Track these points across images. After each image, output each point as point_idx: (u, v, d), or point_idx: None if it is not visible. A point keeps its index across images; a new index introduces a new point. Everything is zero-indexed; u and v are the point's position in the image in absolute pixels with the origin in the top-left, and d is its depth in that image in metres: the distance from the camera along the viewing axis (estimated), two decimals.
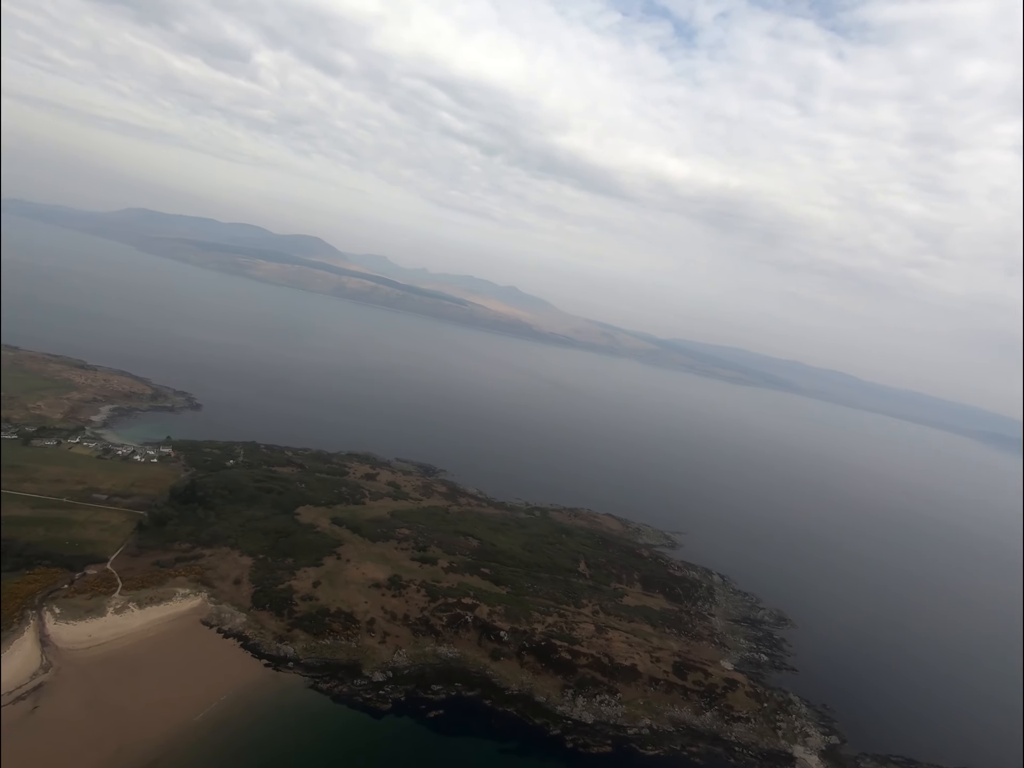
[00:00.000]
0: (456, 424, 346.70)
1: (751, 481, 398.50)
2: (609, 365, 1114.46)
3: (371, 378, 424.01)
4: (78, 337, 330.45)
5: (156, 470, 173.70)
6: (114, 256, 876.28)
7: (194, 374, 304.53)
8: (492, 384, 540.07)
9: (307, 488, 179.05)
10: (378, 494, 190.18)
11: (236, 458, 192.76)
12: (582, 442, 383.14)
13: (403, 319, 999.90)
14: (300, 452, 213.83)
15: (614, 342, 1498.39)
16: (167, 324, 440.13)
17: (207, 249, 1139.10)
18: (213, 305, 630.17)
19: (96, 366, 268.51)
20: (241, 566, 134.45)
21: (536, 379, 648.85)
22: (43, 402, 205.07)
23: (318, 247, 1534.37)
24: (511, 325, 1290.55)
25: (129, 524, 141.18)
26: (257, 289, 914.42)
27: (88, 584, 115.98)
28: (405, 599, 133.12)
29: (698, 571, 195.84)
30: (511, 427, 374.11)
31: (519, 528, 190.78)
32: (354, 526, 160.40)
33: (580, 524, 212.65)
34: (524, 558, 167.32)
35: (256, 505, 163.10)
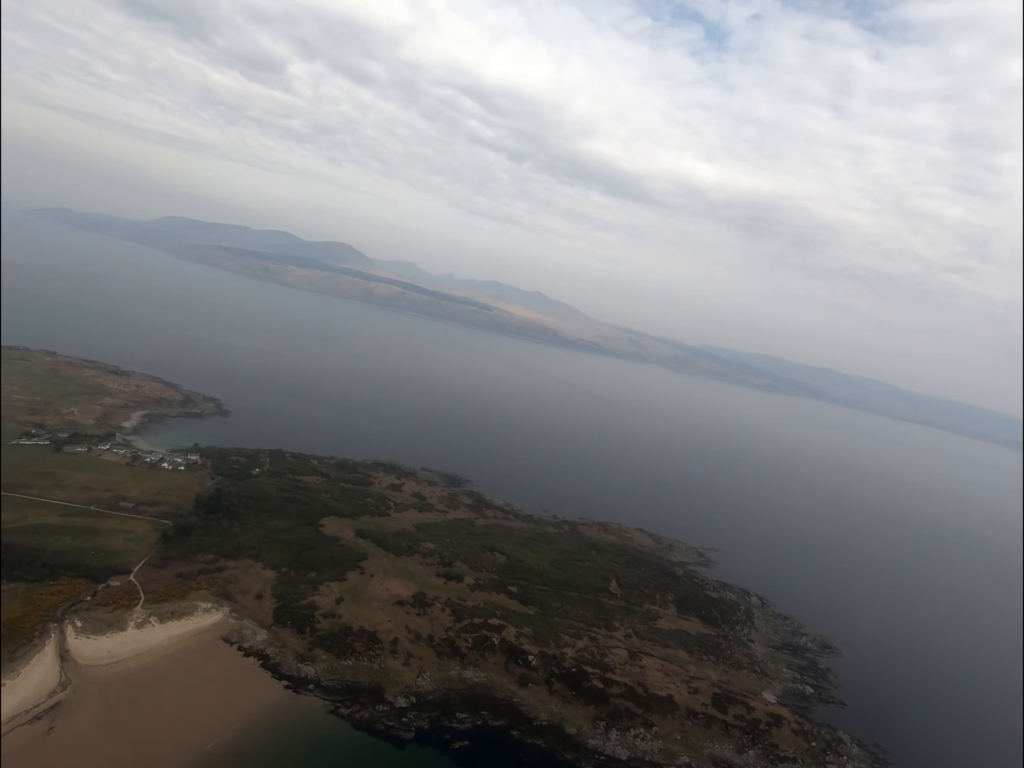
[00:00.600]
0: (482, 432, 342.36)
1: (787, 494, 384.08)
2: (636, 372, 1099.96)
3: (398, 384, 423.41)
4: (114, 342, 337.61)
5: (183, 478, 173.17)
6: (153, 263, 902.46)
7: (224, 380, 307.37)
8: (518, 391, 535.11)
9: (332, 499, 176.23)
10: (403, 505, 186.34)
11: (262, 466, 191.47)
12: (610, 452, 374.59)
13: (430, 325, 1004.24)
14: (326, 461, 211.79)
15: (641, 348, 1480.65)
16: (200, 329, 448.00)
17: (240, 256, 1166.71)
18: (244, 311, 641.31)
19: (130, 371, 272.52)
20: (264, 580, 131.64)
21: (563, 386, 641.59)
22: (76, 408, 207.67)
23: (348, 254, 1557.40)
24: (537, 331, 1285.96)
25: (154, 534, 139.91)
26: (288, 295, 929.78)
27: (111, 596, 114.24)
28: (430, 618, 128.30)
29: (735, 592, 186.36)
30: (538, 436, 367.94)
31: (547, 543, 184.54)
32: (378, 539, 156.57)
33: (610, 539, 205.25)
34: (553, 576, 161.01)
35: (281, 516, 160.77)
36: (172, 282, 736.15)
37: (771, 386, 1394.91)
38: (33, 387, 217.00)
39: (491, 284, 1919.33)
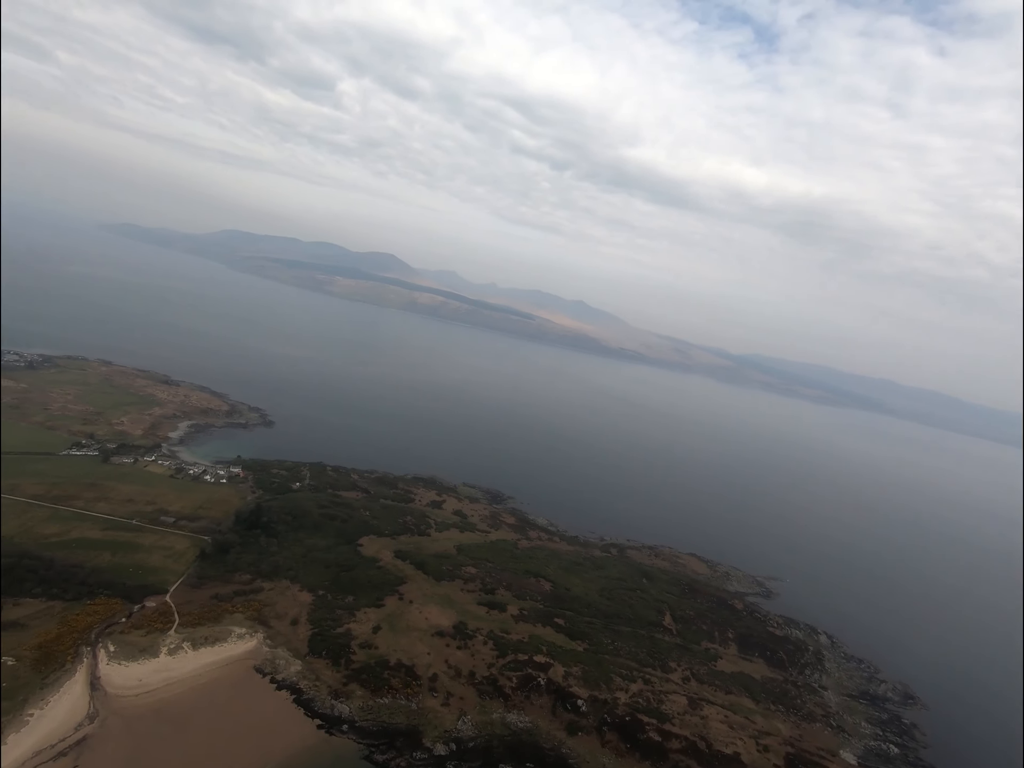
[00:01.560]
0: (524, 445, 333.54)
1: (852, 515, 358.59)
2: (682, 382, 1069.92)
3: (439, 394, 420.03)
4: (166, 351, 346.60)
5: (224, 491, 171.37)
6: (208, 274, 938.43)
7: (269, 389, 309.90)
8: (561, 402, 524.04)
9: (371, 516, 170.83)
10: (444, 524, 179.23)
11: (302, 480, 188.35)
12: (659, 468, 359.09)
13: (472, 334, 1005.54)
14: (366, 475, 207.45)
15: (686, 358, 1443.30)
16: (249, 339, 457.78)
17: (290, 267, 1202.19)
18: (292, 320, 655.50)
19: (179, 381, 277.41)
20: (300, 603, 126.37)
21: (607, 397, 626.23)
22: (126, 418, 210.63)
23: (392, 263, 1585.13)
24: (579, 340, 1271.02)
25: (193, 551, 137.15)
26: (334, 304, 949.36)
27: (145, 618, 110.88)
28: (471, 652, 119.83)
29: (801, 629, 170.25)
30: (582, 450, 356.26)
31: (595, 569, 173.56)
32: (418, 561, 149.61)
33: (662, 566, 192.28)
34: (602, 606, 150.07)
35: (319, 533, 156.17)
36: (225, 292, 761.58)
37: (825, 398, 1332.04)
38: (87, 397, 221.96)
39: (533, 293, 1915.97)
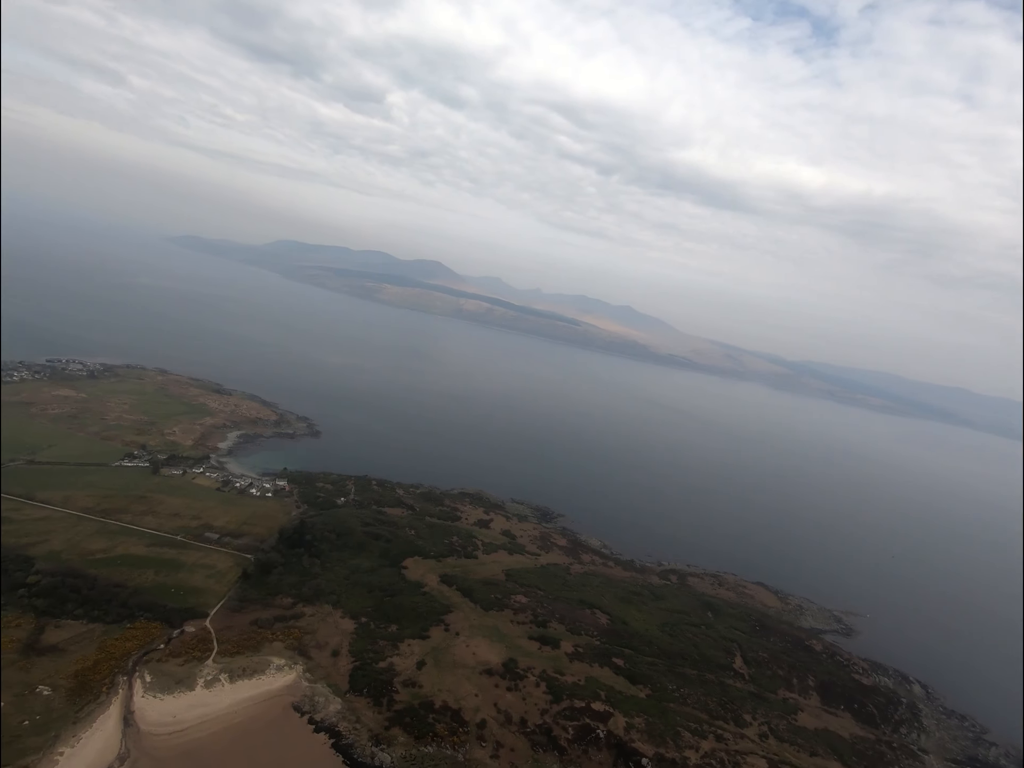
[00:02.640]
0: (573, 457, 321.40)
1: (941, 540, 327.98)
2: (735, 389, 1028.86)
3: (484, 403, 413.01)
4: (221, 359, 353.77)
5: (269, 505, 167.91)
6: (263, 284, 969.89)
7: (317, 398, 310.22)
8: (610, 411, 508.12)
9: (416, 536, 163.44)
10: (492, 546, 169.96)
11: (347, 495, 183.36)
12: (717, 483, 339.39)
13: (518, 340, 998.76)
14: (411, 491, 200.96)
15: (738, 364, 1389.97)
16: (300, 347, 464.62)
17: (341, 275, 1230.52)
18: (342, 328, 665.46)
19: (231, 390, 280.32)
20: (341, 631, 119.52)
21: (657, 406, 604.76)
22: (178, 427, 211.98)
23: (438, 271, 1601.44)
24: (626, 346, 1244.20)
25: (235, 570, 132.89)
26: (382, 312, 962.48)
27: (184, 645, 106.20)
28: (522, 695, 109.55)
29: (890, 676, 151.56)
30: (634, 463, 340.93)
31: (654, 600, 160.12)
32: (465, 588, 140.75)
33: (727, 597, 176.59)
34: (664, 644, 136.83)
35: (363, 554, 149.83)
36: (277, 301, 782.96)
37: (892, 407, 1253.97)
38: (142, 406, 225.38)
39: (578, 298, 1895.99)
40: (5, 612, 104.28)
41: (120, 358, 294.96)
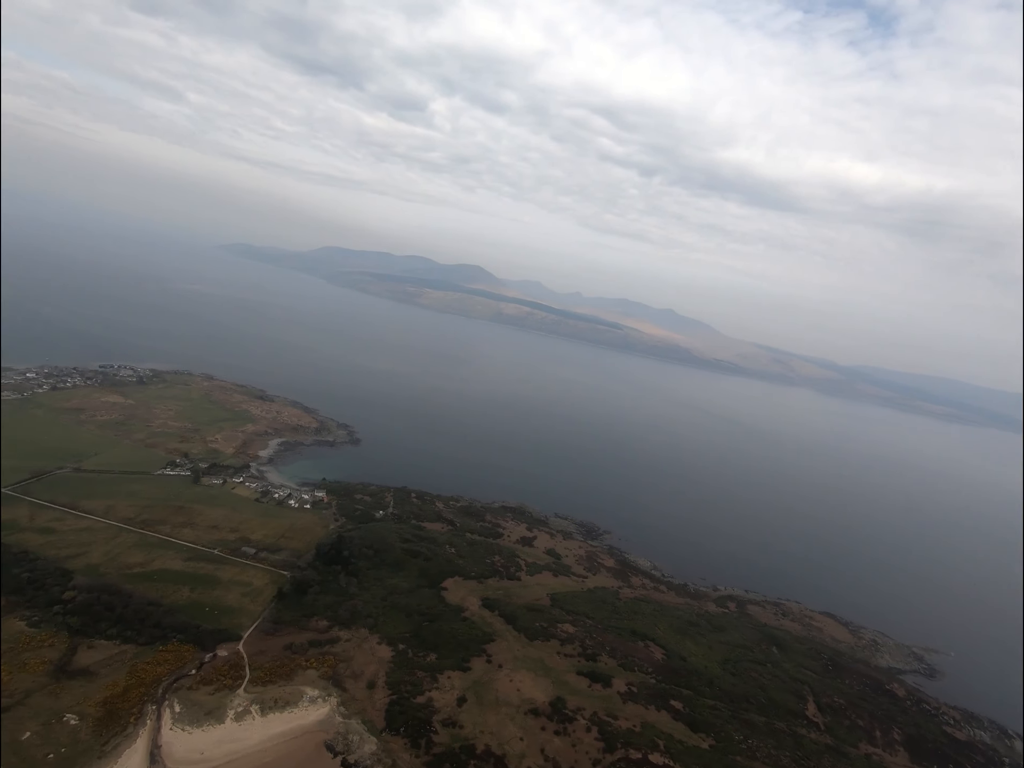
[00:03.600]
0: (618, 467, 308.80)
1: None
2: (785, 395, 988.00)
3: (525, 410, 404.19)
4: (265, 364, 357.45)
5: (307, 518, 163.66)
6: (308, 289, 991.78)
7: (358, 404, 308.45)
8: (654, 418, 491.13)
9: (457, 554, 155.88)
10: (535, 566, 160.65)
11: (385, 508, 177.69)
12: (774, 498, 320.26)
13: (558, 344, 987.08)
14: (451, 504, 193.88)
15: (787, 369, 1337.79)
16: (342, 352, 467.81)
17: (383, 280, 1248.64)
18: (384, 333, 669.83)
19: (274, 396, 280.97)
20: (378, 659, 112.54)
21: (703, 413, 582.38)
22: (220, 435, 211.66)
23: (478, 275, 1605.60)
24: (669, 350, 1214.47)
25: (271, 588, 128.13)
26: (423, 316, 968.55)
27: (216, 672, 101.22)
28: (571, 740, 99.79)
29: (986, 729, 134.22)
30: (682, 474, 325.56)
31: (712, 631, 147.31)
32: (508, 614, 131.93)
33: (793, 629, 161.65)
34: (726, 685, 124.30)
35: (401, 572, 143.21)
36: (322, 306, 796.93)
37: (956, 415, 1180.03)
38: (187, 413, 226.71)
39: (619, 302, 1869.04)
40: (41, 629, 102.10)
41: (169, 364, 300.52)
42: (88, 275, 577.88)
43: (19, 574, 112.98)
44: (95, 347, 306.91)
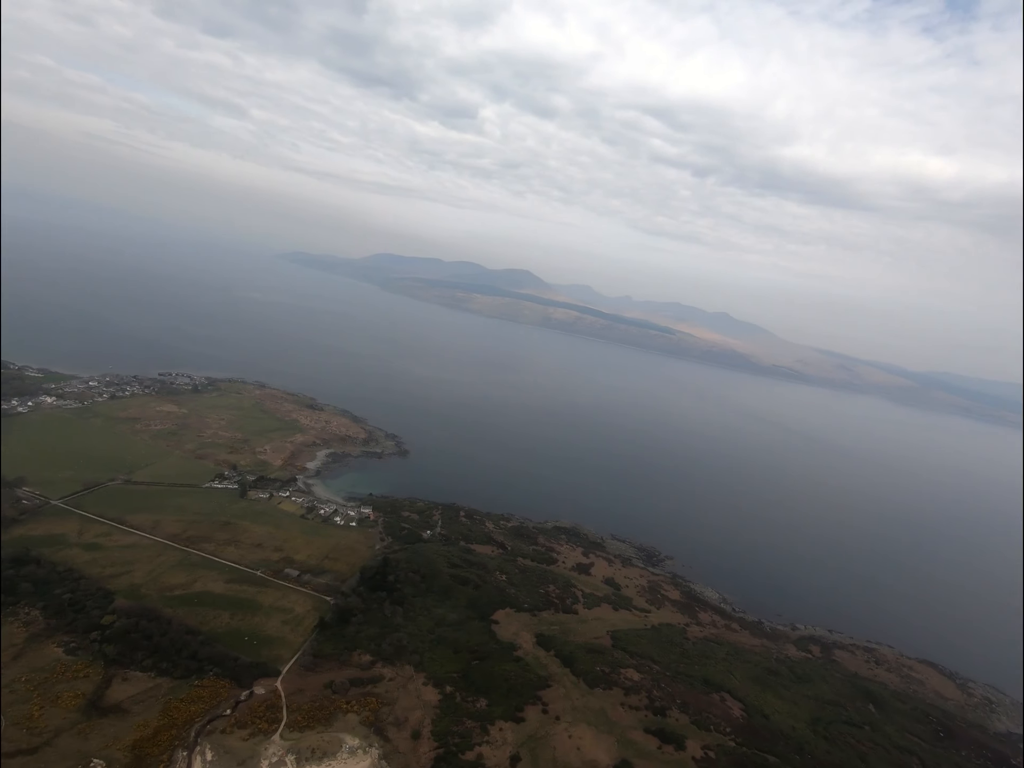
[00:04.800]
0: (677, 484, 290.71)
1: None
2: (852, 404, 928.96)
3: (577, 419, 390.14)
4: (317, 371, 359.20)
5: (352, 537, 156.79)
6: (360, 296, 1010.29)
7: (406, 412, 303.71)
8: (713, 429, 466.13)
9: (508, 582, 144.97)
10: (593, 598, 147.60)
11: (433, 528, 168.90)
12: (855, 521, 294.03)
13: (609, 350, 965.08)
14: (501, 524, 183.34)
15: (853, 376, 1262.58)
16: (392, 359, 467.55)
17: (433, 286, 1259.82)
18: (433, 339, 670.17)
19: (324, 405, 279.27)
20: (424, 703, 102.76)
21: (765, 423, 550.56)
22: (269, 446, 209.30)
23: (527, 279, 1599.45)
24: (725, 355, 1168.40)
25: (312, 615, 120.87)
26: (472, 322, 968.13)
27: (251, 712, 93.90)
28: None
29: None
30: (747, 492, 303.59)
31: (796, 681, 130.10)
32: (565, 655, 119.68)
33: (889, 681, 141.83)
34: (819, 752, 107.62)
35: (449, 601, 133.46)
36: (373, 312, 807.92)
37: None
38: (238, 422, 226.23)
39: (670, 305, 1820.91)
40: (77, 657, 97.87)
41: (224, 371, 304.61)
42: (157, 285, 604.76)
43: (61, 595, 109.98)
44: (156, 355, 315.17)
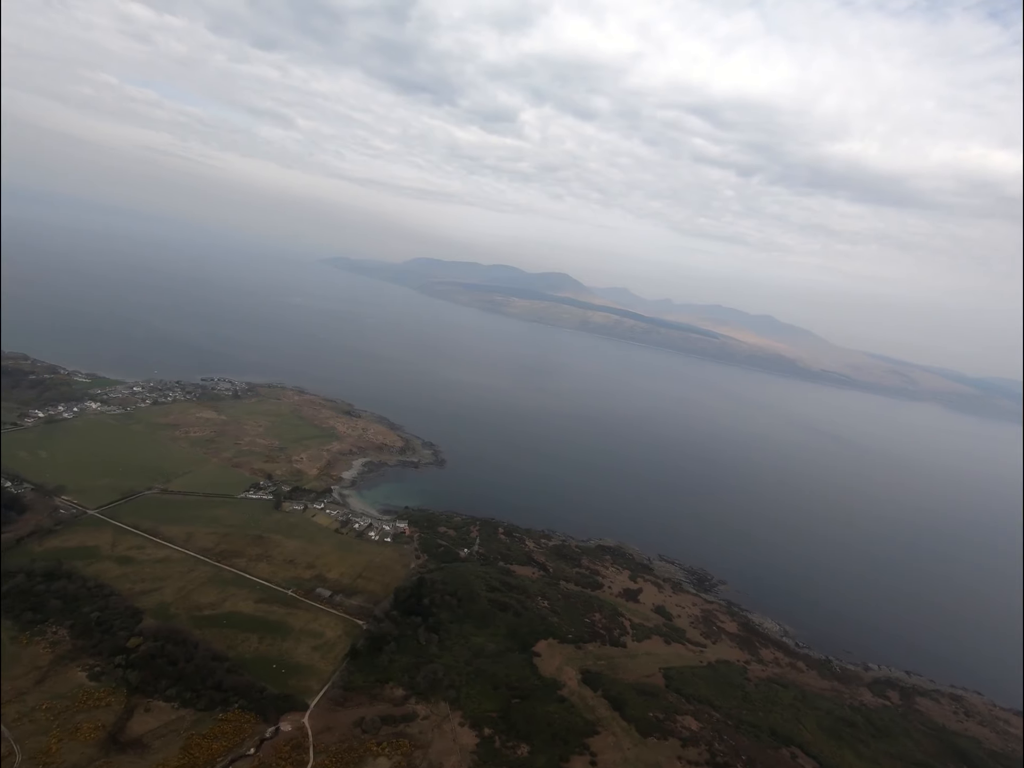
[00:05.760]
0: (727, 498, 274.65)
1: None
2: (909, 412, 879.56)
3: (618, 428, 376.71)
4: (355, 376, 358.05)
5: (387, 554, 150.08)
6: (400, 300, 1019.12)
7: (444, 419, 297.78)
8: (765, 440, 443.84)
9: (551, 609, 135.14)
10: (643, 629, 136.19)
11: (471, 546, 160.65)
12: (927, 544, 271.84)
13: (649, 354, 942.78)
14: (542, 543, 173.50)
15: (908, 381, 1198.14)
16: (429, 363, 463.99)
17: (470, 290, 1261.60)
18: (471, 344, 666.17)
19: (361, 411, 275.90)
20: (460, 748, 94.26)
21: (819, 434, 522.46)
22: (306, 454, 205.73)
23: (565, 283, 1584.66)
24: (770, 360, 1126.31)
25: (344, 641, 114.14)
26: (509, 326, 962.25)
27: (276, 752, 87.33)
28: None
29: None
30: (806, 510, 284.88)
31: (874, 735, 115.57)
32: (614, 696, 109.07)
33: (982, 736, 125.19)
34: None
35: (487, 628, 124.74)
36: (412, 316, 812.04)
37: None
38: (275, 429, 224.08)
39: (712, 308, 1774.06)
40: (101, 684, 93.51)
41: (264, 376, 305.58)
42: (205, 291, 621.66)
43: (89, 613, 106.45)
44: (200, 360, 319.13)
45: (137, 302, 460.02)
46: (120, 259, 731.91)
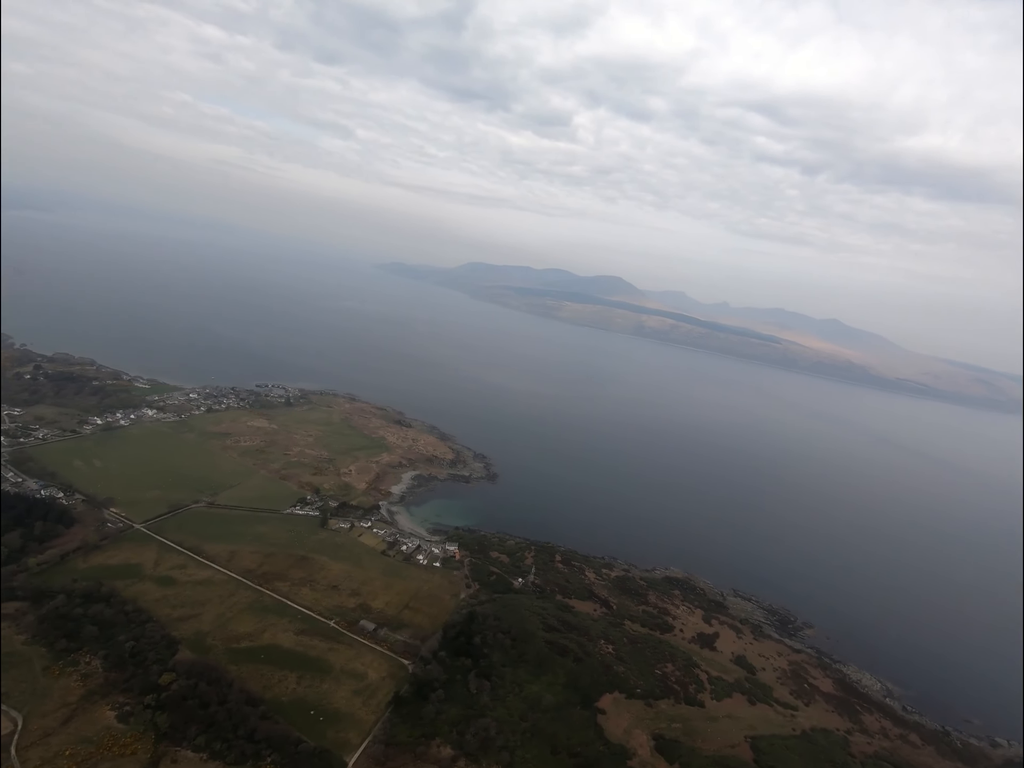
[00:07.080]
0: (806, 525, 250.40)
1: None
2: (999, 426, 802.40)
3: (678, 440, 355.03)
4: (407, 384, 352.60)
5: (436, 581, 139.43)
6: (453, 305, 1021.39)
7: (495, 429, 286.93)
8: (844, 458, 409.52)
9: (616, 655, 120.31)
10: (722, 684, 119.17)
11: (525, 575, 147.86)
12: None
13: (707, 360, 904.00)
14: (603, 573, 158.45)
15: (996, 391, 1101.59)
16: (481, 370, 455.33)
17: (523, 294, 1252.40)
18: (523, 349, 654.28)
19: (411, 421, 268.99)
20: None
21: (902, 450, 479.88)
22: (355, 466, 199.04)
23: (619, 286, 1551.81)
24: (839, 367, 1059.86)
25: (387, 684, 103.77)
26: (562, 330, 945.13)
27: None
28: None
29: None
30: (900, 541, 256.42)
31: None
32: None
33: None
34: None
35: (545, 675, 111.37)
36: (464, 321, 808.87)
37: None
38: (325, 439, 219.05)
39: (773, 311, 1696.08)
40: (129, 726, 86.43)
41: (317, 383, 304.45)
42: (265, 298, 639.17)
43: (124, 642, 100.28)
44: (256, 366, 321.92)
45: (204, 310, 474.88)
46: (192, 270, 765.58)
